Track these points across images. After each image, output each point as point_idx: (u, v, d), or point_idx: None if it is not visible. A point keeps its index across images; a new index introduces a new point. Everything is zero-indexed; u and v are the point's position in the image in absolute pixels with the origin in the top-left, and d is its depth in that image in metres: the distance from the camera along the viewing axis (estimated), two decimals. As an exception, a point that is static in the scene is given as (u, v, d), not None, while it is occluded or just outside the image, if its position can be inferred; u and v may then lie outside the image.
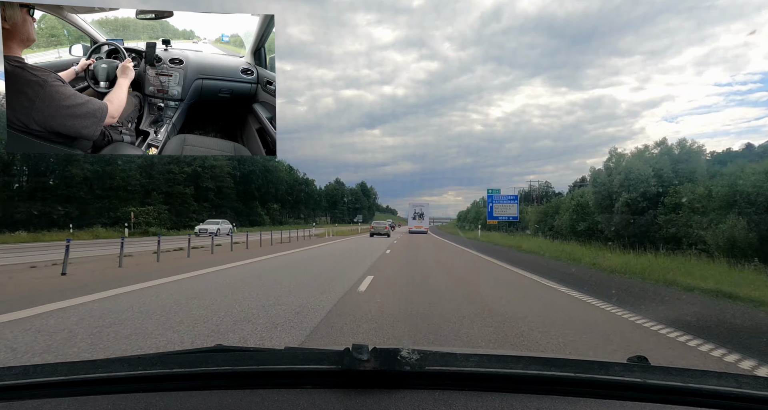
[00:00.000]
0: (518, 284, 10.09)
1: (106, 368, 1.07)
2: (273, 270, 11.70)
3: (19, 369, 1.07)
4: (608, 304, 7.18)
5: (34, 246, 22.67)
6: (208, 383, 1.02)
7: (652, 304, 7.41)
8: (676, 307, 7.12)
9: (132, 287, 8.00)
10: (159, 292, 7.57)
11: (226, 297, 7.15)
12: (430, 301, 7.14)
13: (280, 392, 0.96)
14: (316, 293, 7.58)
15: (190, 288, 8.08)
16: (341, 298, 7.21)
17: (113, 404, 0.92)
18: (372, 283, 9.13)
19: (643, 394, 0.96)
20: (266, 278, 9.83)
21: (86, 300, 6.59)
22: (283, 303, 6.64)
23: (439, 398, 0.93)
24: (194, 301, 6.74)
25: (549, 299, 7.95)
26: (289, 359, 1.13)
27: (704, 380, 0.99)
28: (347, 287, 8.40)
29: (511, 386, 0.99)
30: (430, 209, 55.96)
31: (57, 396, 0.96)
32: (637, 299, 7.80)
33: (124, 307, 6.20)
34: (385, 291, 8.15)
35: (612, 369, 1.05)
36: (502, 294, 8.26)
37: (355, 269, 12.02)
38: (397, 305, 6.71)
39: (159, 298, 6.96)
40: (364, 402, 0.91)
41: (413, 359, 0.97)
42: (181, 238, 22.99)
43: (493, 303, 7.12)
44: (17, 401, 0.95)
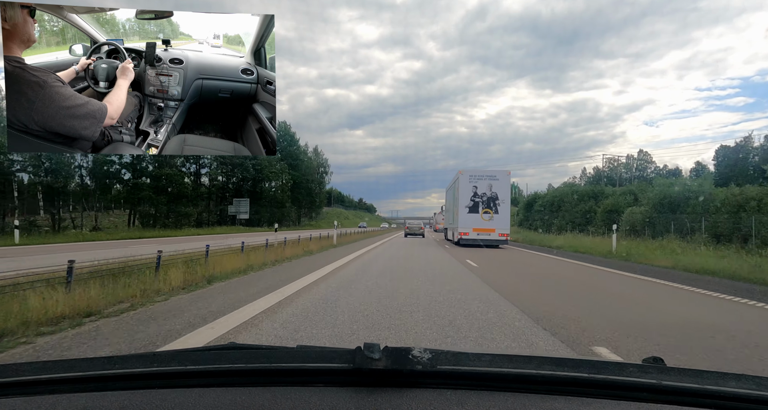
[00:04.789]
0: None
1: (122, 364, 1.08)
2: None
3: (39, 365, 1.09)
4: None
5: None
6: (222, 380, 1.02)
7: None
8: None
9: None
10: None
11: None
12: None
13: (292, 390, 0.97)
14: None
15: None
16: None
17: (129, 400, 0.93)
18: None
19: (658, 396, 0.94)
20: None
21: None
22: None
23: (451, 397, 0.93)
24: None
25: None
26: (301, 357, 1.13)
27: (722, 382, 0.97)
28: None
29: (524, 386, 0.99)
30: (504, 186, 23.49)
31: (74, 392, 0.98)
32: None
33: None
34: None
35: (627, 369, 1.04)
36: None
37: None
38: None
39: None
40: (375, 400, 0.91)
41: (425, 358, 0.97)
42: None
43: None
44: (37, 396, 0.96)
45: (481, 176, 23.25)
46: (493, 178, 23.14)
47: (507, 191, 23.32)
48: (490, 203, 22.75)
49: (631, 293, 8.42)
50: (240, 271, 10.16)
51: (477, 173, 23.45)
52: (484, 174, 23.38)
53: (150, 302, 6.29)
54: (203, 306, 6.08)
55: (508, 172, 23.71)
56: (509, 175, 23.62)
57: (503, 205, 22.86)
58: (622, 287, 9.28)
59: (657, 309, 6.74)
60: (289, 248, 16.23)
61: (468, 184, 23.14)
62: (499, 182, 23.12)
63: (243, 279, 9.11)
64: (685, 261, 13.38)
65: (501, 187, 23.08)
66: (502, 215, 22.72)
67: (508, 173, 23.67)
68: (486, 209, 22.67)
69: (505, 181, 23.36)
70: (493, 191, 22.92)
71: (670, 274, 11.56)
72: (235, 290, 7.62)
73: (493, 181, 23.05)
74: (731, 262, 12.61)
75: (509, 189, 23.79)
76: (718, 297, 7.83)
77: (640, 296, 7.97)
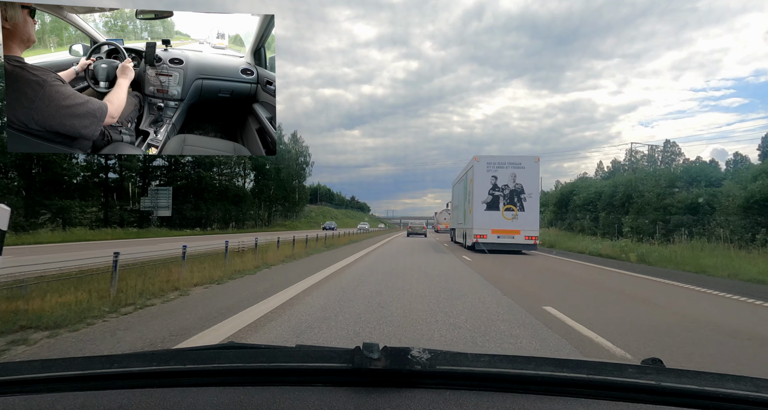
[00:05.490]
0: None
1: (121, 363, 1.08)
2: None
3: (38, 363, 1.09)
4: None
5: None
6: (221, 379, 1.03)
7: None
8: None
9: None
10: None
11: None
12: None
13: (291, 389, 0.97)
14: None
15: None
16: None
17: (128, 398, 0.93)
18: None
19: (657, 397, 0.94)
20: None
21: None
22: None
23: (450, 398, 0.93)
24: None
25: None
26: (300, 357, 1.13)
27: (721, 383, 0.97)
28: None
29: (523, 387, 0.98)
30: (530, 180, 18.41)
31: (73, 390, 0.98)
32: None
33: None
34: None
35: (626, 370, 1.04)
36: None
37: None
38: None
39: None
40: (374, 400, 0.91)
41: (424, 358, 0.97)
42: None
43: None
44: (36, 394, 0.96)
45: (503, 164, 18.32)
46: (518, 166, 18.23)
47: (535, 183, 18.35)
48: (514, 197, 18.07)
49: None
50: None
51: (497, 160, 18.42)
52: (505, 161, 18.38)
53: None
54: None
55: (536, 158, 18.52)
56: (538, 162, 18.50)
57: (531, 200, 18.03)
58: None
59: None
60: (213, 267, 9.44)
61: (485, 173, 18.31)
62: (526, 170, 18.14)
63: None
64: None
65: (528, 177, 18.11)
66: (530, 212, 17.94)
67: (536, 159, 18.49)
68: (509, 206, 18.06)
69: (533, 170, 18.28)
70: (517, 183, 18.08)
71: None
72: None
73: (518, 169, 18.18)
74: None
75: (538, 180, 18.66)
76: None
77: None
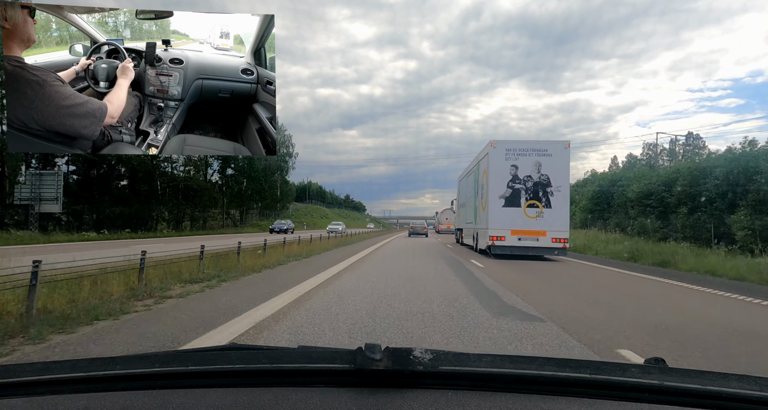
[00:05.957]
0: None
1: (123, 365, 1.08)
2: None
3: (40, 365, 1.09)
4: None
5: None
6: (223, 381, 1.03)
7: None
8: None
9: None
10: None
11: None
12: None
13: (293, 390, 0.96)
14: None
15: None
16: None
17: (130, 400, 0.93)
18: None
19: (660, 396, 0.94)
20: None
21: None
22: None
23: (452, 398, 0.93)
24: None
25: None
26: (302, 358, 1.13)
27: (724, 382, 0.97)
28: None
29: (526, 387, 0.98)
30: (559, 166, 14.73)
31: (75, 392, 0.98)
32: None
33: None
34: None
35: (629, 370, 1.04)
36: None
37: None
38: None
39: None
40: (376, 401, 0.91)
41: (426, 359, 0.98)
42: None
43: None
44: (38, 396, 0.96)
45: (525, 151, 14.93)
46: (543, 153, 14.81)
47: (565, 173, 14.88)
48: (539, 191, 14.72)
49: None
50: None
51: (518, 146, 15.04)
52: (528, 147, 14.96)
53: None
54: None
55: (566, 144, 15.08)
56: (568, 148, 15.03)
57: (559, 194, 14.66)
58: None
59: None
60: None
61: (503, 162, 14.98)
62: (553, 159, 14.73)
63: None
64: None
65: (555, 166, 14.73)
66: (558, 209, 14.60)
67: (566, 145, 15.04)
68: (532, 201, 14.70)
69: (562, 158, 14.82)
70: (542, 173, 14.72)
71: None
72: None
73: (543, 157, 14.76)
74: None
75: (568, 170, 15.05)
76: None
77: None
